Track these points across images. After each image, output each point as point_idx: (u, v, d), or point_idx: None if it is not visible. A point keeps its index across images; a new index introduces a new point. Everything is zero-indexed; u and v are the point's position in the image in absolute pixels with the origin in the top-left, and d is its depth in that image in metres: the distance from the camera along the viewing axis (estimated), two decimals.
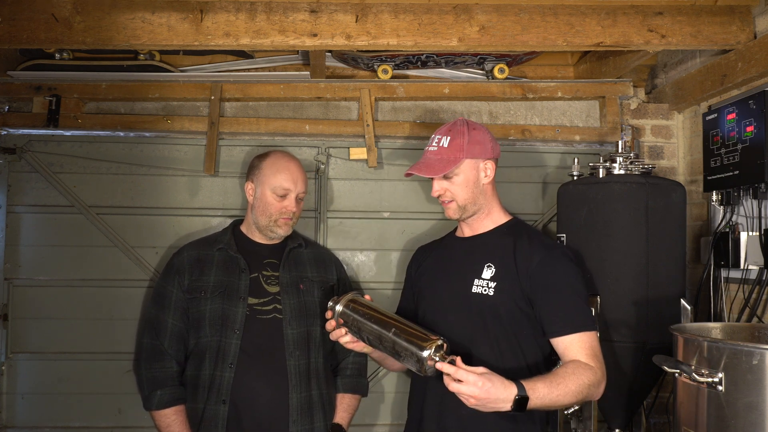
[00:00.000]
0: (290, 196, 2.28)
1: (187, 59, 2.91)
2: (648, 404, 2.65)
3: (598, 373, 1.79)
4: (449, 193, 1.96)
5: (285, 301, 2.26)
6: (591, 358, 1.80)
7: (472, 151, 1.94)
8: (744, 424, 1.53)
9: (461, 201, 1.96)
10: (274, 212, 2.28)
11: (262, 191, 2.29)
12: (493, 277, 1.91)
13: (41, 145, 2.70)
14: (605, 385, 1.82)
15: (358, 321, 1.87)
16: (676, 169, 2.91)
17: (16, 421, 2.64)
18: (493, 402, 1.64)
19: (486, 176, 1.97)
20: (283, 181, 2.27)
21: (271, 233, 2.31)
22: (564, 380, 1.72)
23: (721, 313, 2.46)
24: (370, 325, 1.84)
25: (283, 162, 2.32)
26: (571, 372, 1.75)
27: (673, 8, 2.34)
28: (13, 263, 2.67)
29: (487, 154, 1.97)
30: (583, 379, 1.74)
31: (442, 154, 1.94)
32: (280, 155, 2.37)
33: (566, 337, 1.83)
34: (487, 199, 1.99)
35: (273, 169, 2.29)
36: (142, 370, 2.25)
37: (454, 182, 1.94)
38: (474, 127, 1.98)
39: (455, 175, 1.94)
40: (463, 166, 1.94)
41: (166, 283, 2.30)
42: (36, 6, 2.27)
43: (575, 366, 1.78)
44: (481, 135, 1.97)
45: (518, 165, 2.83)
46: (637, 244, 2.24)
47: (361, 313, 1.87)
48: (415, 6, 2.32)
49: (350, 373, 2.40)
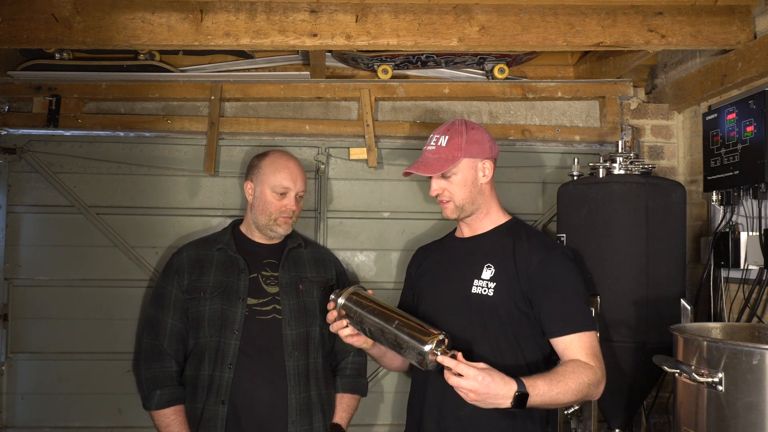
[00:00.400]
0: (290, 194, 2.28)
1: (187, 59, 2.91)
2: (648, 404, 2.65)
3: (598, 373, 1.79)
4: (447, 193, 1.96)
5: (284, 301, 2.26)
6: (591, 357, 1.81)
7: (470, 151, 1.94)
8: (744, 424, 1.53)
9: (459, 200, 1.96)
10: (274, 211, 2.28)
11: (261, 190, 2.29)
12: (493, 278, 1.91)
13: (41, 145, 2.70)
14: (605, 385, 1.83)
15: (360, 313, 1.87)
16: (676, 169, 2.91)
17: (16, 421, 2.64)
18: (493, 397, 1.64)
19: (484, 176, 1.97)
20: (283, 180, 2.27)
21: (271, 232, 2.31)
22: (564, 378, 1.72)
23: (721, 313, 2.46)
24: (372, 318, 1.84)
25: (282, 161, 2.32)
26: (571, 370, 1.75)
27: (673, 8, 2.34)
28: (13, 263, 2.67)
29: (486, 153, 1.97)
30: (583, 378, 1.75)
31: (440, 153, 1.95)
32: (280, 154, 2.37)
33: (566, 338, 1.83)
34: (485, 199, 1.99)
35: (272, 168, 2.29)
36: (141, 370, 2.25)
37: (452, 181, 1.95)
38: (472, 126, 1.99)
39: (453, 174, 1.94)
40: (461, 166, 1.94)
41: (165, 283, 2.30)
42: (36, 6, 2.27)
43: (575, 365, 1.78)
44: (480, 135, 1.97)
45: (518, 165, 2.83)
46: (637, 244, 2.24)
47: (363, 305, 1.88)
48: (415, 6, 2.32)
49: (350, 373, 2.40)
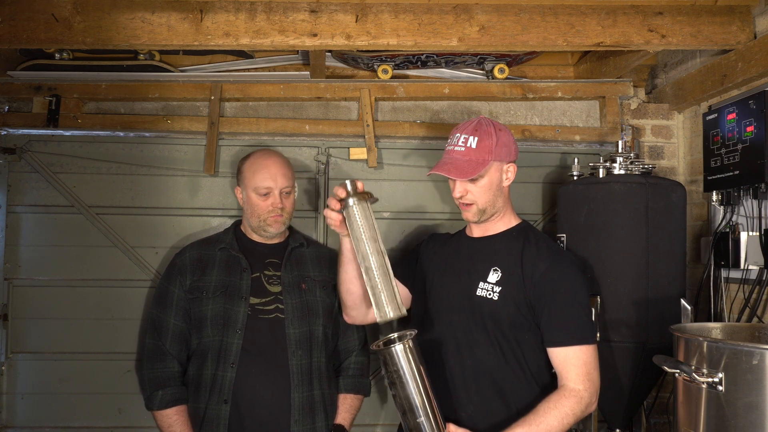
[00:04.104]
0: (273, 193, 2.27)
1: (187, 59, 2.91)
2: (648, 404, 2.65)
3: (584, 396, 1.78)
4: (471, 196, 1.90)
5: (287, 300, 2.26)
6: (582, 377, 1.80)
7: (499, 154, 1.89)
8: (744, 424, 1.53)
9: (482, 204, 1.91)
10: (262, 212, 2.27)
11: (247, 194, 2.30)
12: (499, 282, 1.88)
13: (41, 145, 2.70)
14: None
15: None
16: (676, 169, 2.91)
17: (16, 421, 2.64)
18: None
19: (507, 179, 1.93)
20: (262, 181, 2.26)
21: (265, 232, 2.31)
22: (545, 417, 1.74)
23: (721, 313, 2.46)
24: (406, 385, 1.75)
25: (260, 161, 2.30)
26: (553, 406, 1.76)
27: (673, 8, 2.34)
28: (13, 263, 2.67)
29: (512, 156, 1.93)
30: (565, 410, 1.75)
31: (471, 155, 1.87)
32: (259, 154, 2.35)
33: (562, 349, 1.82)
34: (503, 202, 1.96)
35: (252, 170, 2.29)
36: (144, 370, 2.26)
37: (477, 184, 1.89)
38: (500, 128, 1.92)
39: (480, 177, 1.88)
40: (490, 169, 1.89)
41: (167, 284, 2.30)
42: (36, 6, 2.27)
43: (557, 397, 1.78)
44: (507, 137, 1.92)
45: (518, 165, 2.81)
46: (637, 244, 2.24)
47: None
48: (415, 6, 2.32)
49: (352, 373, 2.40)
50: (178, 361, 2.24)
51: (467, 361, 1.87)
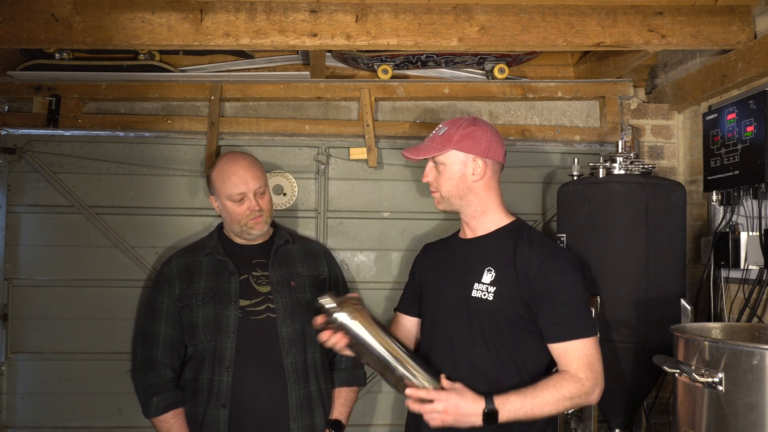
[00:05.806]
0: (247, 196, 2.25)
1: (187, 59, 2.91)
2: (648, 404, 2.65)
3: (585, 384, 1.77)
4: (435, 183, 1.96)
5: (277, 300, 2.25)
6: (583, 367, 1.78)
7: (460, 144, 1.89)
8: (744, 424, 1.53)
9: (444, 192, 1.94)
10: (241, 218, 2.27)
11: (222, 202, 2.29)
12: (493, 282, 1.87)
13: (41, 145, 2.70)
14: (605, 386, 1.81)
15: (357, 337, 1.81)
16: (676, 169, 2.91)
17: (16, 421, 2.64)
18: (464, 416, 1.70)
19: (473, 173, 1.91)
20: (234, 187, 2.24)
21: (248, 235, 2.31)
22: (542, 393, 1.73)
23: (721, 313, 2.46)
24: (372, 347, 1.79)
25: (228, 167, 2.28)
26: (552, 384, 1.75)
27: (673, 8, 2.34)
28: (13, 263, 2.67)
29: (479, 151, 1.90)
30: (563, 392, 1.74)
31: (434, 141, 1.94)
32: (225, 160, 2.32)
33: (562, 344, 1.81)
34: (478, 198, 1.94)
35: (221, 179, 2.27)
36: (137, 381, 2.27)
37: (439, 171, 1.93)
38: (476, 123, 1.93)
39: (441, 164, 1.92)
40: (450, 158, 1.91)
41: (156, 294, 2.30)
42: (36, 6, 2.27)
43: (558, 378, 1.77)
44: (480, 132, 1.91)
45: (518, 165, 2.83)
46: (637, 244, 2.24)
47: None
48: (415, 6, 2.32)
49: (345, 365, 2.38)
50: (170, 368, 2.24)
51: (463, 363, 1.85)
